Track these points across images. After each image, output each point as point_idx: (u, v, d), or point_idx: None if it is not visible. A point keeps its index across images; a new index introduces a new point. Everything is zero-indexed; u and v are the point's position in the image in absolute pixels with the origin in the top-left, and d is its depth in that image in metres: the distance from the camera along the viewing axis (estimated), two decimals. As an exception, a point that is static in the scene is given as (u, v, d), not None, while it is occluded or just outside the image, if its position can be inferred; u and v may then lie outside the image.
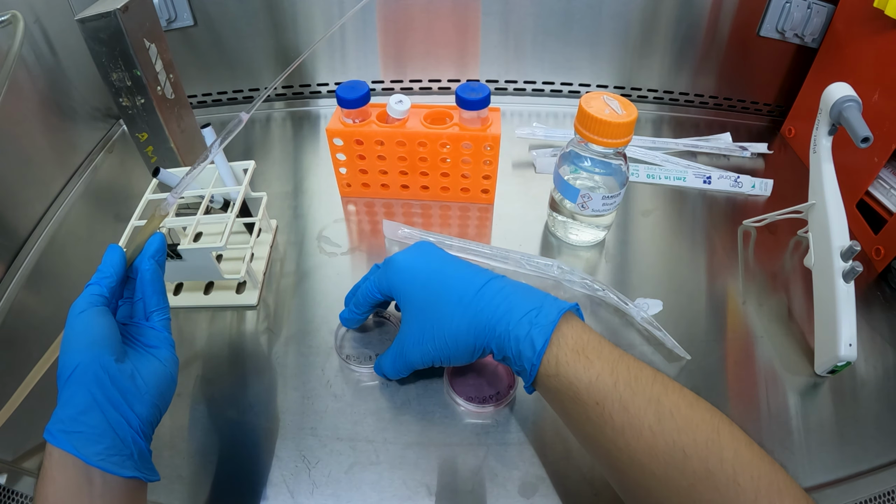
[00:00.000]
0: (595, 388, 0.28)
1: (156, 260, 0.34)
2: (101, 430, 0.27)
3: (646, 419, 0.26)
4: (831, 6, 0.60)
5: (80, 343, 0.28)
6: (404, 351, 0.37)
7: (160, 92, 0.49)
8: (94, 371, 0.27)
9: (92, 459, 0.26)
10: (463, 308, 0.33)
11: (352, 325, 0.43)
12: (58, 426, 0.26)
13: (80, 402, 0.27)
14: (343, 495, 0.36)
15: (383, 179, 0.57)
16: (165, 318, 0.34)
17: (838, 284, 0.41)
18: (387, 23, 0.67)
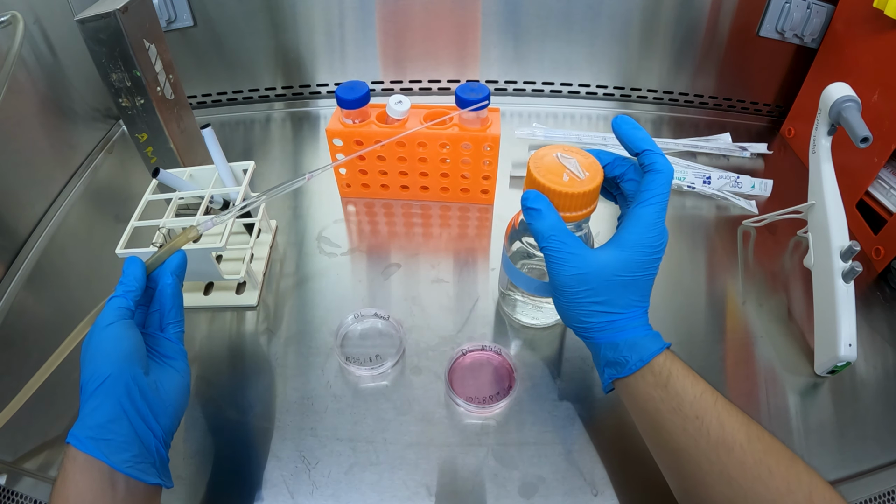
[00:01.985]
0: (699, 403, 0.30)
1: (177, 276, 0.35)
2: (129, 438, 0.28)
3: (738, 437, 0.28)
4: (831, 6, 0.60)
5: (111, 355, 0.29)
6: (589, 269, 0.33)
7: (160, 92, 0.49)
8: (125, 383, 0.29)
9: (120, 466, 0.27)
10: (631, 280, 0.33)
11: None
12: (85, 433, 0.27)
13: (110, 412, 0.28)
14: (343, 496, 0.36)
15: (383, 180, 0.57)
16: (181, 331, 0.35)
17: (838, 284, 0.41)
18: (386, 23, 0.67)
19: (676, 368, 0.31)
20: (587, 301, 0.33)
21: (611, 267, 0.32)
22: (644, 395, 0.32)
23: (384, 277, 0.51)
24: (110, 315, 0.31)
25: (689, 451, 0.30)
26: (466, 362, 0.43)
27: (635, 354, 0.32)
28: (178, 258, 0.36)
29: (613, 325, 0.33)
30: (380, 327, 0.46)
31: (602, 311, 0.33)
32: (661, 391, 0.31)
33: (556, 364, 0.44)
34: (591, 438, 0.39)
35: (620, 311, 0.33)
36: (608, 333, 0.33)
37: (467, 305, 0.48)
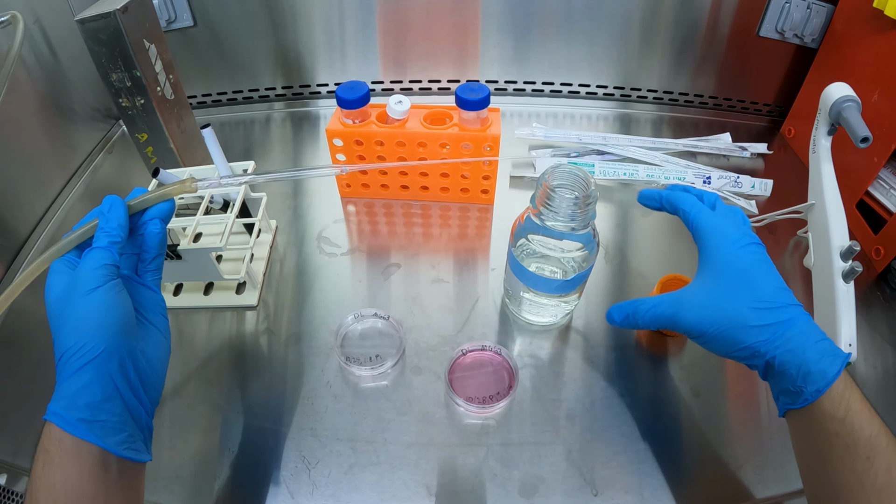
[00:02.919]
0: (872, 443, 0.28)
1: (166, 223, 0.32)
2: (123, 418, 0.26)
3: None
4: (831, 6, 0.60)
5: (104, 327, 0.27)
6: (679, 307, 0.34)
7: (160, 92, 0.49)
8: (120, 358, 0.27)
9: (116, 449, 0.26)
10: (760, 301, 0.31)
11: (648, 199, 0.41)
12: (75, 413, 0.25)
13: (102, 390, 0.26)
14: (343, 496, 0.36)
15: (383, 180, 0.57)
16: (159, 279, 0.33)
17: (838, 284, 0.41)
18: (387, 23, 0.67)
19: (855, 400, 0.29)
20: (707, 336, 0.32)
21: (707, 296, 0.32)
22: (817, 426, 0.29)
23: (384, 277, 0.51)
24: (97, 275, 0.27)
25: (852, 492, 0.28)
26: (466, 362, 0.43)
27: (811, 384, 0.29)
28: (170, 205, 0.32)
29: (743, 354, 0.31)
30: (380, 327, 0.46)
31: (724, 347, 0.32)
32: (838, 425, 0.28)
33: (556, 364, 0.44)
34: (591, 438, 0.39)
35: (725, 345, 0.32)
36: (773, 351, 0.31)
37: (467, 305, 0.48)
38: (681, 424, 0.40)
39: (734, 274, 0.32)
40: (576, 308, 0.47)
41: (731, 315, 0.32)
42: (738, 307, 0.31)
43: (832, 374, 0.29)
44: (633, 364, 0.44)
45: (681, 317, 0.33)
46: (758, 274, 0.32)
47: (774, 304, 0.31)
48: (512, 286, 0.45)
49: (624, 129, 0.71)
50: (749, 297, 0.31)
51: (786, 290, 0.32)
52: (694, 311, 0.33)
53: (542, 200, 0.37)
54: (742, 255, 0.33)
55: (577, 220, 0.37)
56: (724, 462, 0.38)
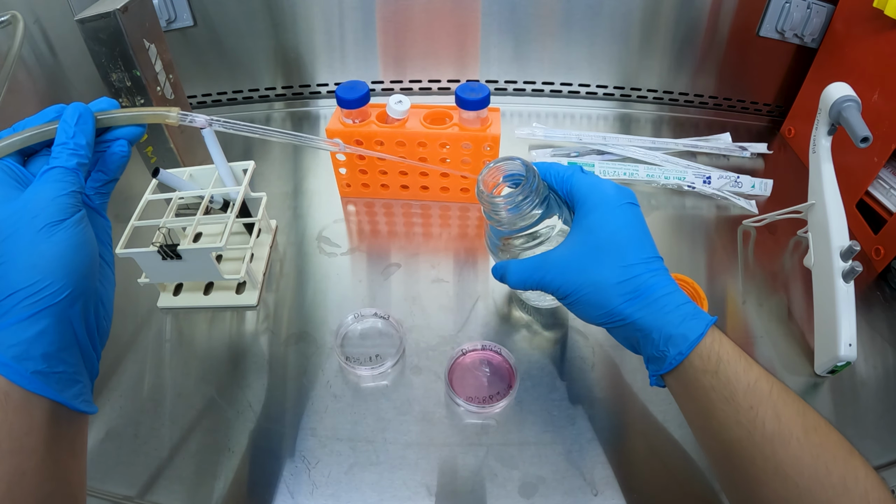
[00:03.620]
0: (753, 391, 0.27)
1: (133, 145, 0.29)
2: (78, 368, 0.24)
3: (794, 430, 0.26)
4: (831, 6, 0.60)
5: (69, 266, 0.23)
6: (546, 266, 0.33)
7: (160, 92, 0.49)
8: (84, 304, 0.24)
9: (73, 402, 0.23)
10: (624, 267, 0.30)
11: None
12: (28, 365, 0.22)
13: (60, 339, 0.23)
14: (343, 496, 0.36)
15: (383, 180, 0.57)
16: (106, 202, 0.30)
17: (838, 284, 0.41)
18: (387, 23, 0.67)
19: (726, 351, 0.28)
20: (576, 301, 0.31)
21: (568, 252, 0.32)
22: (692, 383, 0.29)
23: (384, 277, 0.51)
24: (63, 206, 0.24)
25: (741, 444, 0.27)
26: (466, 362, 0.43)
27: (673, 347, 0.29)
28: (141, 130, 0.29)
29: (613, 319, 0.30)
30: (380, 327, 0.46)
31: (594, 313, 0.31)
32: (712, 378, 0.28)
33: (556, 364, 0.44)
34: (591, 438, 0.39)
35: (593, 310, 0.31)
36: (636, 313, 0.30)
37: (467, 305, 0.48)
38: (681, 424, 0.40)
39: (599, 241, 0.31)
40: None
41: (592, 279, 0.31)
42: (602, 269, 0.30)
43: (694, 336, 0.28)
44: (634, 364, 0.44)
45: (548, 279, 0.32)
46: (626, 236, 0.31)
47: (638, 268, 0.30)
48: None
49: (624, 129, 0.71)
50: (614, 259, 0.30)
51: (652, 255, 0.31)
52: (559, 273, 0.32)
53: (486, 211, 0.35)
54: (610, 222, 0.31)
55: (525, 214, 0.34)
56: (724, 462, 0.38)
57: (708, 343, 0.28)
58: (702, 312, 0.30)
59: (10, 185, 0.25)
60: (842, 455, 0.26)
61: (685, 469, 0.37)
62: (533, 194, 0.33)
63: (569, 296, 0.32)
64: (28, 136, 0.25)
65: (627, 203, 0.32)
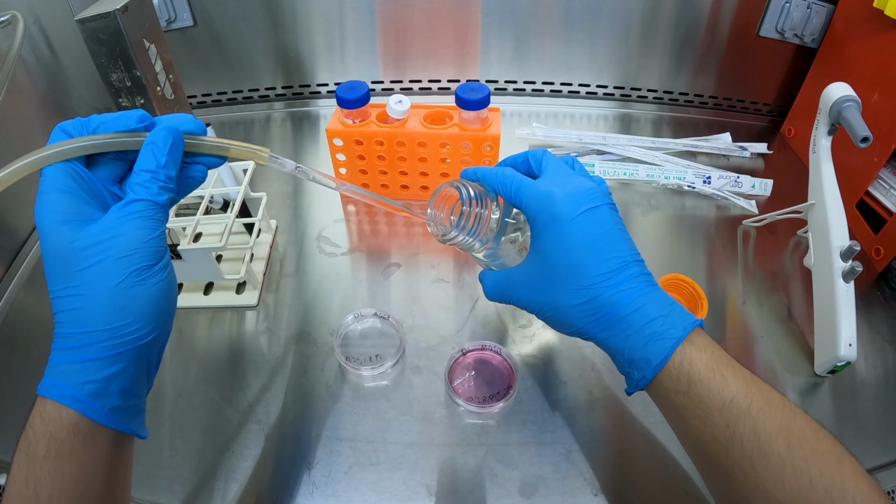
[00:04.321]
0: (728, 409, 0.26)
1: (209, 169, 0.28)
2: (141, 398, 0.25)
3: (776, 446, 0.25)
4: (831, 6, 0.60)
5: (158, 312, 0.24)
6: (511, 286, 0.31)
7: (160, 92, 0.49)
8: (162, 345, 0.25)
9: (138, 431, 0.24)
10: (581, 289, 0.28)
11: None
12: (107, 402, 0.22)
13: (137, 377, 0.24)
14: (343, 496, 0.36)
15: (383, 179, 0.57)
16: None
17: (838, 284, 0.41)
18: (387, 23, 0.67)
19: (697, 370, 0.26)
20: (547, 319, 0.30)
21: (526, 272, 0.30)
22: (665, 401, 0.28)
23: (384, 277, 0.51)
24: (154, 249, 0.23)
25: (720, 461, 0.26)
26: (466, 362, 0.43)
27: (636, 371, 0.28)
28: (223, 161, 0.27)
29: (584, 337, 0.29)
30: (380, 327, 0.46)
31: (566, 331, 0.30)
32: (683, 398, 0.27)
33: (556, 364, 0.44)
34: (591, 438, 0.39)
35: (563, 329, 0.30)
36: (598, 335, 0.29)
37: (467, 305, 0.48)
38: (681, 424, 0.40)
39: (556, 258, 0.29)
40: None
41: (554, 300, 0.29)
42: (559, 293, 0.29)
43: (657, 361, 0.27)
44: (633, 364, 0.44)
45: (515, 297, 0.32)
46: (581, 255, 0.28)
47: (598, 288, 0.28)
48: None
49: (624, 128, 0.71)
50: (570, 282, 0.28)
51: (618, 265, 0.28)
52: (524, 293, 0.31)
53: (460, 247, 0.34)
54: (566, 235, 0.28)
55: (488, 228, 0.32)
56: (724, 462, 0.38)
57: (677, 363, 0.27)
58: (671, 329, 0.27)
59: (84, 200, 0.24)
60: (829, 468, 0.25)
61: (685, 469, 0.37)
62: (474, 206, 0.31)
63: (537, 314, 0.31)
64: (107, 142, 0.24)
65: (585, 211, 0.29)
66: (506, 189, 0.31)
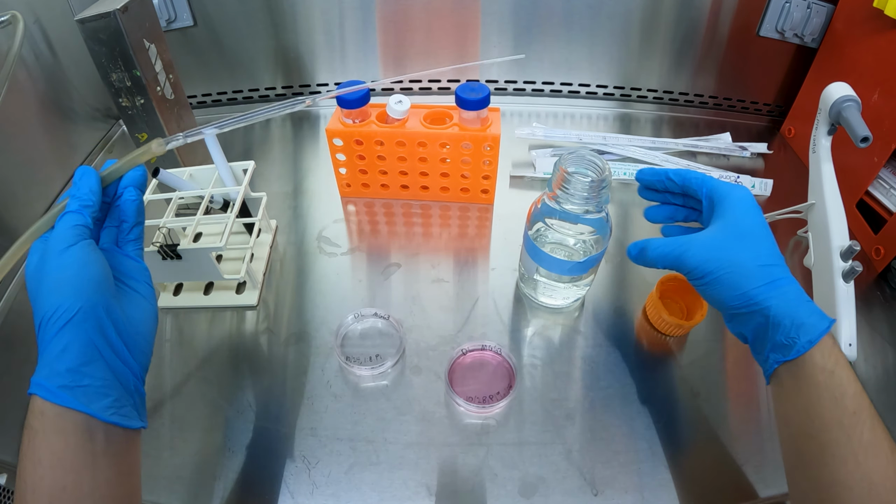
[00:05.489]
0: (859, 398, 0.28)
1: (140, 190, 0.32)
2: (107, 381, 0.25)
3: (885, 445, 0.27)
4: (831, 6, 0.60)
5: (77, 285, 0.25)
6: (689, 247, 0.35)
7: (160, 92, 0.49)
8: (97, 317, 0.25)
9: (102, 414, 0.24)
10: (760, 257, 0.33)
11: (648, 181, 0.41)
12: (55, 381, 0.24)
13: (82, 353, 0.25)
14: (343, 495, 0.36)
15: (383, 179, 0.57)
16: (140, 248, 0.32)
17: (838, 284, 0.41)
18: (387, 23, 0.67)
19: (842, 357, 0.29)
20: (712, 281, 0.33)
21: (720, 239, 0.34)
22: (807, 379, 0.30)
23: (384, 277, 0.51)
24: (68, 236, 0.27)
25: (838, 446, 0.28)
26: (466, 362, 0.43)
27: (804, 335, 0.30)
28: (140, 171, 0.32)
29: (748, 302, 0.32)
30: (380, 327, 0.46)
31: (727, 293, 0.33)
32: (827, 377, 0.29)
33: (556, 364, 0.44)
34: (591, 438, 0.39)
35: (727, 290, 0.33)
36: (769, 300, 0.31)
37: (467, 305, 0.48)
38: (681, 424, 0.40)
39: (741, 230, 0.34)
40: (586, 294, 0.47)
41: (735, 260, 0.33)
42: (742, 255, 0.33)
43: (824, 326, 0.30)
44: (634, 364, 0.44)
45: (687, 257, 0.34)
46: (761, 235, 0.34)
47: (773, 263, 0.32)
48: (527, 268, 0.45)
49: (624, 128, 0.71)
50: (751, 251, 0.33)
51: (782, 259, 0.33)
52: (700, 253, 0.34)
53: (558, 184, 0.38)
54: (750, 218, 0.34)
55: (592, 202, 0.38)
56: (723, 462, 0.38)
57: (829, 342, 0.30)
58: (824, 314, 0.31)
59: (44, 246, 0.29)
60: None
61: (685, 469, 0.37)
62: (608, 188, 0.38)
63: (708, 275, 0.33)
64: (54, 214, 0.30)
65: (761, 213, 0.35)
66: (698, 177, 0.38)
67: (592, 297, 0.49)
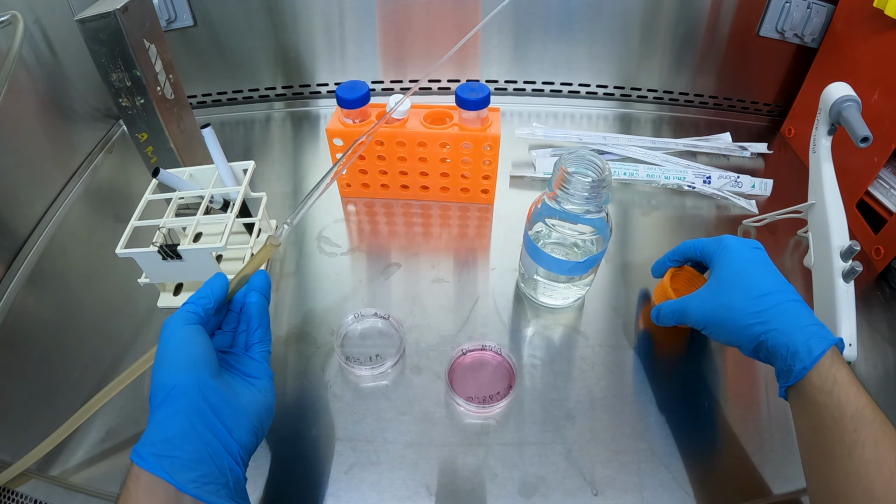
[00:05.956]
0: (859, 416, 0.30)
1: (263, 294, 0.35)
2: (197, 456, 0.26)
3: (889, 459, 0.28)
4: (831, 6, 0.60)
5: (178, 362, 0.28)
6: (690, 304, 0.39)
7: (160, 92, 0.49)
8: (193, 393, 0.27)
9: (186, 486, 0.25)
10: (753, 296, 0.35)
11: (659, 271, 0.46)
12: (148, 449, 0.26)
13: (176, 426, 0.26)
14: (343, 495, 0.36)
15: (383, 179, 0.57)
16: (266, 351, 0.34)
17: (838, 284, 0.41)
18: (387, 23, 0.67)
19: (842, 375, 0.31)
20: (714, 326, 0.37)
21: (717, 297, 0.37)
22: (809, 399, 0.32)
23: (384, 277, 0.51)
24: (177, 321, 0.30)
25: (841, 462, 0.29)
26: (466, 362, 0.43)
27: (798, 362, 0.32)
28: (263, 277, 0.35)
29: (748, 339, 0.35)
30: (380, 327, 0.46)
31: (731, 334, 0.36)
32: (826, 397, 0.31)
33: (556, 364, 0.44)
34: (591, 438, 0.39)
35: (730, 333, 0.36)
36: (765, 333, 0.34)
37: (467, 305, 0.48)
38: (681, 424, 0.40)
39: (731, 272, 0.37)
40: (586, 294, 0.47)
41: (728, 304, 0.36)
42: (733, 297, 0.36)
43: (818, 352, 0.31)
44: (634, 364, 0.44)
45: (688, 312, 0.39)
46: (752, 270, 0.37)
47: (764, 292, 0.35)
48: (527, 268, 0.45)
49: (624, 128, 0.71)
50: (742, 289, 0.36)
51: (780, 283, 0.36)
52: (698, 306, 0.38)
53: (558, 184, 0.39)
54: (738, 257, 0.38)
55: (592, 202, 0.39)
56: (723, 462, 0.38)
57: (827, 364, 0.31)
58: (827, 334, 0.33)
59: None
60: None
61: (685, 469, 0.37)
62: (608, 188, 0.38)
63: (707, 324, 0.38)
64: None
65: (752, 248, 0.38)
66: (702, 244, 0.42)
67: (592, 297, 0.49)
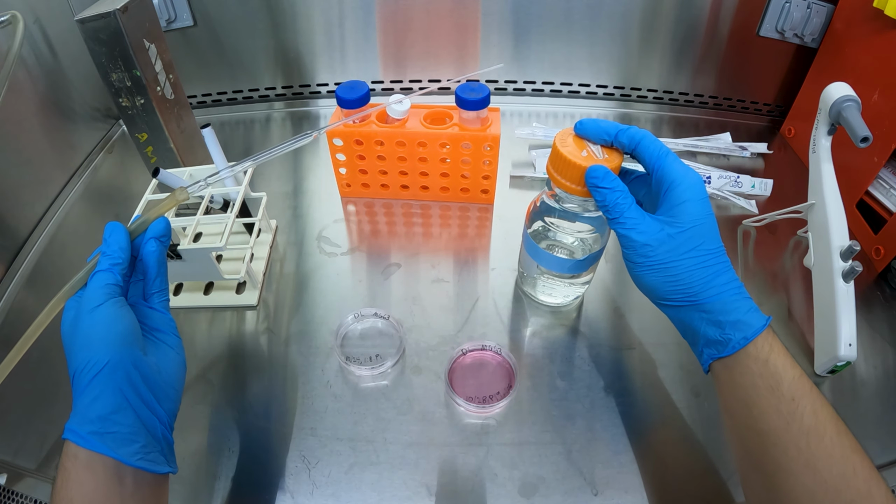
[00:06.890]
0: (797, 384, 0.29)
1: (162, 242, 0.33)
2: (134, 429, 0.27)
3: (828, 428, 0.27)
4: (831, 6, 0.60)
5: (107, 340, 0.27)
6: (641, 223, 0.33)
7: (160, 92, 0.49)
8: (125, 369, 0.27)
9: (129, 459, 0.26)
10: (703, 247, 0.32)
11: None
12: (86, 427, 0.26)
13: (111, 402, 0.26)
14: (343, 495, 0.36)
15: (383, 179, 0.57)
16: (166, 300, 0.33)
17: (838, 284, 0.41)
18: (387, 23, 0.67)
19: (777, 345, 0.30)
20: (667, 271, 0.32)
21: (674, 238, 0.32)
22: (741, 370, 0.30)
23: (384, 277, 0.51)
24: (99, 294, 0.29)
25: (778, 434, 0.28)
26: (466, 362, 0.43)
27: (739, 333, 0.30)
28: (163, 223, 0.33)
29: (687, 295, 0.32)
30: (380, 327, 0.46)
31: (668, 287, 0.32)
32: (761, 366, 0.29)
33: (556, 364, 0.44)
34: (591, 438, 0.39)
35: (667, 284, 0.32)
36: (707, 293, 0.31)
37: (467, 305, 0.48)
38: (681, 424, 0.40)
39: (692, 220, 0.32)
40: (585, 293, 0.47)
41: (679, 250, 0.32)
42: (686, 247, 0.32)
43: (759, 325, 0.30)
44: (634, 364, 0.44)
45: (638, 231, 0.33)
46: (708, 226, 0.32)
47: (714, 249, 0.32)
48: (526, 267, 0.45)
49: (624, 128, 0.71)
50: (694, 242, 0.32)
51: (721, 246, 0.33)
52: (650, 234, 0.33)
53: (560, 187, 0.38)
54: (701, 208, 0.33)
55: (590, 201, 0.37)
56: (723, 462, 0.38)
57: (763, 335, 0.30)
58: (761, 312, 0.31)
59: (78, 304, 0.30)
60: (867, 462, 0.27)
61: (685, 469, 0.38)
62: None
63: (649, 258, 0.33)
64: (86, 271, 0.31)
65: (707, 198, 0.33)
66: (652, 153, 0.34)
67: (592, 297, 0.49)
